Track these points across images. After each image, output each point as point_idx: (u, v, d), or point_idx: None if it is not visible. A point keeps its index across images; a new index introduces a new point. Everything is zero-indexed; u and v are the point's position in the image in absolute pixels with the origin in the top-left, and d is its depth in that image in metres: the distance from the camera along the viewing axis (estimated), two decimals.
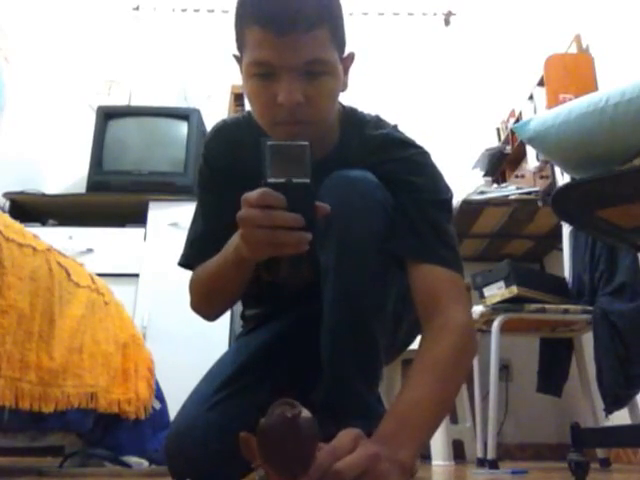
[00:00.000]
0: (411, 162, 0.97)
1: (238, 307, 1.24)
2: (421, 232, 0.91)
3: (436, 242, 0.91)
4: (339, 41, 0.90)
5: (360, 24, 3.83)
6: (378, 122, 1.03)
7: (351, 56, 0.96)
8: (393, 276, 0.93)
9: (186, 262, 1.07)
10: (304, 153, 0.71)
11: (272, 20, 0.82)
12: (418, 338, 1.14)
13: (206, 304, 1.05)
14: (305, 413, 0.59)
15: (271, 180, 0.71)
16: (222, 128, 1.08)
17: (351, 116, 1.03)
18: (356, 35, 3.95)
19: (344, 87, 0.96)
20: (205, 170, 1.08)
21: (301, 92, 0.85)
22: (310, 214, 0.72)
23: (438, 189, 0.97)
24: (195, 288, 1.05)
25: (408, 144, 1.00)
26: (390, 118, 1.07)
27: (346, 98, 1.06)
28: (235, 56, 0.95)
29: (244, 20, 0.87)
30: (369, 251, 0.87)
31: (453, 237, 0.95)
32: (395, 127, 1.04)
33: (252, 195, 0.73)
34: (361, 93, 3.42)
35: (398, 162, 0.96)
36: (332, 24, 0.87)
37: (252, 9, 0.85)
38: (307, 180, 0.70)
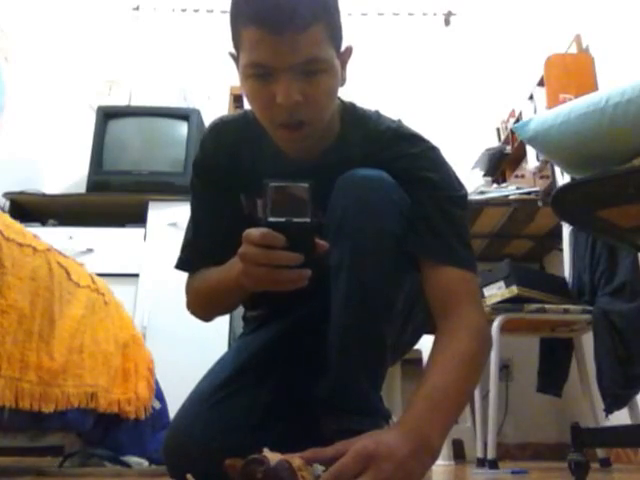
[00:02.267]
0: (424, 158, 0.96)
1: (239, 309, 1.24)
2: (441, 231, 0.91)
3: (454, 241, 0.91)
4: (336, 37, 0.90)
5: (360, 24, 3.82)
6: (380, 117, 1.02)
7: (349, 50, 0.96)
8: (404, 276, 0.93)
9: (182, 266, 1.08)
10: (305, 193, 0.73)
11: (267, 20, 0.82)
12: (420, 339, 1.15)
13: (203, 310, 1.07)
14: (272, 458, 0.61)
15: (271, 219, 0.73)
16: (219, 127, 1.07)
17: (351, 111, 1.02)
18: (356, 35, 3.95)
19: (342, 82, 0.96)
20: (200, 170, 1.07)
21: (299, 91, 0.85)
22: (310, 251, 0.75)
23: (453, 186, 0.96)
24: (192, 294, 1.05)
25: (418, 138, 0.99)
26: (398, 118, 1.06)
27: (346, 98, 1.06)
28: (231, 54, 0.94)
29: (239, 20, 0.87)
30: (384, 251, 0.87)
31: (469, 235, 0.95)
32: (400, 121, 1.03)
33: (253, 233, 0.75)
34: (361, 93, 3.42)
35: (411, 158, 0.96)
36: (328, 21, 0.86)
37: (247, 9, 0.85)
38: (307, 220, 0.72)
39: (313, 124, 0.90)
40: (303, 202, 0.73)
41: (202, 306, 1.05)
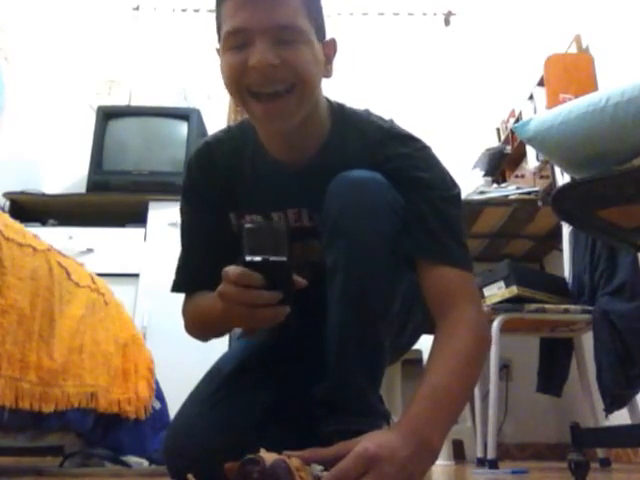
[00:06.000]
0: (417, 157, 0.96)
1: None
2: (435, 231, 0.91)
3: (449, 241, 0.91)
4: (315, 18, 0.90)
5: (360, 24, 3.82)
6: (370, 115, 1.02)
7: (333, 42, 0.95)
8: (401, 277, 0.93)
9: (177, 289, 1.08)
10: (281, 233, 0.75)
11: None
12: (420, 339, 1.15)
13: (200, 334, 1.07)
14: (268, 458, 0.60)
15: (248, 258, 0.74)
16: (204, 151, 1.06)
17: (340, 111, 1.02)
18: (357, 35, 3.94)
19: (327, 73, 0.95)
20: (188, 194, 1.07)
21: (275, 55, 0.85)
22: (287, 288, 0.76)
23: (446, 184, 0.96)
24: (188, 318, 1.06)
25: (410, 138, 0.99)
26: (390, 118, 1.06)
27: (345, 98, 1.05)
28: (217, 50, 0.94)
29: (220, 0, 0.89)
30: (379, 252, 0.87)
31: (464, 234, 0.95)
32: (392, 121, 1.02)
33: (231, 272, 0.75)
34: (361, 92, 3.43)
35: (403, 158, 0.95)
36: None
37: None
38: (284, 258, 0.74)
39: (293, 95, 0.88)
40: (280, 241, 0.74)
41: (198, 330, 1.06)
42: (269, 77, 0.85)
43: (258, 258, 0.73)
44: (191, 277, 1.06)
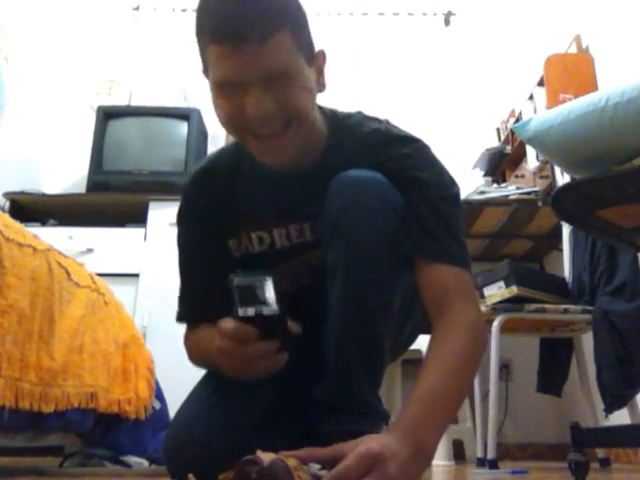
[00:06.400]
0: (415, 157, 0.96)
1: None
2: (433, 230, 0.91)
3: (446, 239, 0.91)
4: (304, 44, 0.87)
5: (360, 24, 3.83)
6: (364, 118, 1.01)
7: (322, 54, 0.94)
8: (400, 276, 0.93)
9: (181, 319, 1.09)
10: (270, 284, 0.73)
11: (226, 35, 0.81)
12: (419, 339, 1.15)
13: (203, 367, 1.07)
14: (265, 458, 0.60)
15: (241, 314, 0.73)
16: (199, 177, 1.05)
17: (335, 117, 1.01)
18: (357, 35, 3.94)
19: (321, 88, 0.94)
20: (185, 220, 1.07)
21: (270, 101, 0.83)
22: (283, 336, 0.76)
23: (445, 184, 0.96)
24: (190, 350, 1.06)
25: (408, 139, 0.99)
26: (389, 118, 1.05)
27: (345, 98, 1.05)
28: (204, 72, 0.93)
29: (202, 39, 0.87)
30: (379, 252, 0.87)
31: (463, 233, 0.95)
32: (387, 122, 1.02)
33: (226, 327, 0.75)
34: (361, 92, 3.43)
35: (402, 158, 0.95)
36: (292, 28, 0.84)
37: (207, 27, 0.85)
38: (276, 310, 0.73)
39: (291, 132, 0.88)
40: (270, 292, 0.73)
41: (202, 367, 1.06)
42: (266, 122, 0.85)
43: (251, 313, 0.72)
44: (193, 307, 1.06)
